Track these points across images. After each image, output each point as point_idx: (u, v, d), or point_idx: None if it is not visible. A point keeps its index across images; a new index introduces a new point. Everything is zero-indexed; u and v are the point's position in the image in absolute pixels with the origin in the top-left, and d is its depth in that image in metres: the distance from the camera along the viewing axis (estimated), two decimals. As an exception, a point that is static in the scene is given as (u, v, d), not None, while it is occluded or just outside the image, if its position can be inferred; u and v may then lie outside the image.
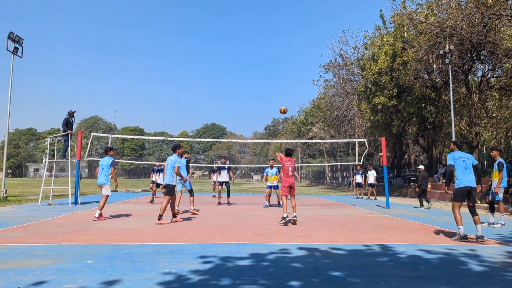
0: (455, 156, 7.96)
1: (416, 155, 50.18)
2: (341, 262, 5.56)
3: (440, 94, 27.37)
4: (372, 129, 33.99)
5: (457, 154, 8.00)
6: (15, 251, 5.98)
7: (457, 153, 8.04)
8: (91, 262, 5.30)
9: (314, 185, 69.24)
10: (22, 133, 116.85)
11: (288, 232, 8.48)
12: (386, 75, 26.98)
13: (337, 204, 17.97)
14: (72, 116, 15.72)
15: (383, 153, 16.92)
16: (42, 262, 5.23)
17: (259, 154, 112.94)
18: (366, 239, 7.63)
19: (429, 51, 23.30)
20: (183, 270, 4.94)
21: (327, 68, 42.81)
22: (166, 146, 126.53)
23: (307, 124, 62.83)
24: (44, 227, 8.58)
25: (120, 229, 8.46)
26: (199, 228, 8.84)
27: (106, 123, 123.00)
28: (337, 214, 12.86)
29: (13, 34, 17.24)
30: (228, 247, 6.54)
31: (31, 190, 26.11)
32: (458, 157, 7.94)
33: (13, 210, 12.53)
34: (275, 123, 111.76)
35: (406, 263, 5.54)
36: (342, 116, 41.33)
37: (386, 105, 27.73)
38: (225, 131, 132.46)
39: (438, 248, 6.77)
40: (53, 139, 16.56)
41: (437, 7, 23.63)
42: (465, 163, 7.88)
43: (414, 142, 38.44)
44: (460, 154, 8.02)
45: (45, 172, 15.71)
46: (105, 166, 10.61)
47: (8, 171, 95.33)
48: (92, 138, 20.15)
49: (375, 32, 32.56)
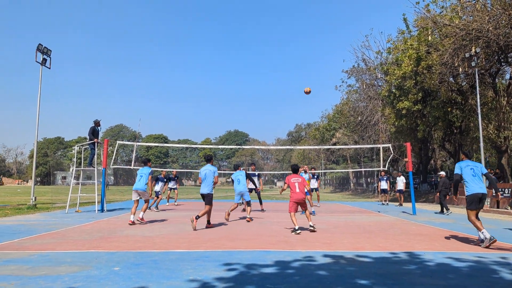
0: (462, 165, 8.08)
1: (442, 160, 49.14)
2: (367, 270, 5.47)
3: (466, 98, 26.78)
4: (396, 134, 33.50)
5: (464, 163, 8.11)
6: (44, 258, 6.11)
7: (465, 162, 8.15)
8: (117, 269, 5.36)
9: (338, 192, 68.58)
10: (50, 141, 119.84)
11: (312, 239, 8.40)
12: (410, 79, 26.59)
13: (361, 211, 17.73)
14: (98, 124, 16.05)
15: (409, 159, 16.63)
16: (70, 269, 5.32)
17: (282, 160, 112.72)
18: (392, 247, 7.49)
19: (454, 54, 22.86)
20: (208, 277, 4.95)
21: (350, 74, 42.50)
22: (189, 153, 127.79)
23: (330, 130, 62.43)
24: (71, 234, 8.75)
25: (145, 236, 8.55)
26: (222, 235, 8.86)
27: (131, 131, 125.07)
28: (362, 221, 12.68)
29: (42, 46, 17.74)
30: (252, 254, 6.52)
31: (59, 198, 26.72)
32: (465, 166, 8.03)
33: (42, 218, 12.83)
34: (298, 129, 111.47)
35: (434, 271, 5.41)
36: (366, 122, 40.89)
37: (411, 109, 27.30)
38: (248, 138, 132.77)
39: (468, 256, 6.59)
40: (80, 147, 16.93)
41: (462, 10, 23.18)
42: (473, 170, 7.93)
43: (440, 147, 37.68)
44: (468, 162, 8.11)
45: (72, 180, 16.04)
46: (144, 174, 11.59)
47: (37, 179, 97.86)
48: (117, 146, 20.49)
49: (399, 36, 32.19)
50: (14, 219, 12.19)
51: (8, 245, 7.29)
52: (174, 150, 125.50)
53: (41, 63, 17.81)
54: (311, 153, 71.07)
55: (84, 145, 16.49)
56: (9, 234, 8.74)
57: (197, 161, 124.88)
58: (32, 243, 7.46)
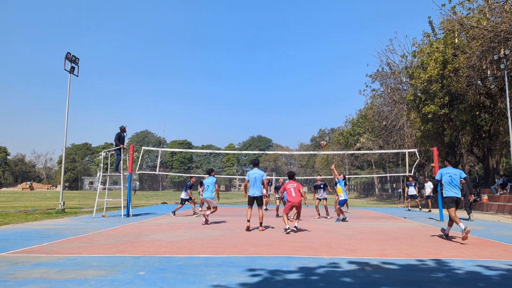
0: (443, 172, 9.71)
1: (470, 165, 47.94)
2: (393, 277, 5.36)
3: (495, 101, 26.07)
4: (422, 139, 32.84)
5: (445, 170, 9.72)
6: (72, 261, 6.24)
7: (446, 169, 9.74)
8: (143, 273, 5.42)
9: (363, 197, 67.70)
10: (78, 147, 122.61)
11: (337, 245, 8.31)
12: (436, 83, 26.08)
13: (387, 217, 17.45)
14: (124, 131, 16.34)
15: (435, 164, 16.29)
16: (97, 273, 5.41)
17: (305, 165, 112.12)
18: (419, 253, 7.33)
19: (482, 57, 22.33)
20: (232, 283, 4.95)
21: (374, 78, 41.97)
22: (213, 158, 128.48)
23: (355, 135, 61.81)
24: (98, 238, 8.91)
25: (170, 241, 8.62)
26: (246, 241, 8.86)
27: (156, 137, 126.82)
28: (388, 227, 12.47)
29: (70, 54, 18.22)
30: (276, 260, 6.49)
31: (87, 203, 27.25)
32: (445, 173, 9.66)
33: (70, 222, 13.12)
34: (322, 134, 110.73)
35: (463, 280, 5.27)
36: (391, 126, 40.29)
37: (437, 113, 26.75)
38: (271, 143, 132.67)
39: (498, 264, 6.39)
40: (106, 153, 17.25)
41: (490, 11, 22.65)
42: (451, 178, 9.54)
43: (468, 151, 36.78)
44: (449, 170, 9.70)
45: (99, 185, 16.34)
46: (210, 184, 13.01)
47: (65, 184, 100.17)
48: (142, 152, 20.79)
49: (424, 39, 31.61)
50: (44, 223, 12.50)
51: (38, 248, 7.47)
52: (198, 155, 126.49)
53: (69, 71, 18.28)
54: (335, 159, 70.48)
55: (111, 151, 16.80)
56: (38, 238, 8.97)
57: (220, 166, 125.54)
58: (60, 247, 7.62)
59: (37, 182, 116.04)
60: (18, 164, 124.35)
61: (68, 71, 18.20)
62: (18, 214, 15.82)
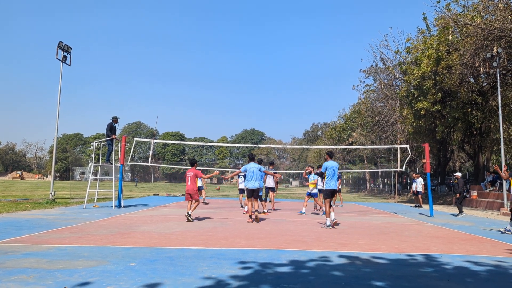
0: (328, 165, 10.69)
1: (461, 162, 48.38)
2: (383, 271, 5.41)
3: (487, 99, 26.27)
4: (414, 135, 33.02)
5: (330, 164, 10.72)
6: (62, 251, 6.22)
7: (330, 163, 10.76)
8: (134, 264, 5.42)
9: (354, 192, 68.12)
10: (70, 137, 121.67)
11: (328, 239, 8.36)
12: (429, 79, 26.20)
13: (378, 212, 17.58)
14: (115, 121, 16.23)
15: (427, 160, 16.39)
16: (87, 263, 5.40)
17: (298, 159, 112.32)
18: (409, 248, 7.40)
19: (475, 54, 22.45)
20: (223, 275, 4.96)
21: (367, 73, 42.03)
22: (205, 151, 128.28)
23: (347, 129, 61.95)
24: (89, 229, 8.88)
25: (161, 233, 8.62)
26: (238, 234, 8.88)
27: (148, 128, 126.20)
28: (379, 222, 12.57)
29: (62, 44, 17.99)
30: (267, 253, 6.52)
31: (78, 193, 27.13)
32: (330, 166, 10.67)
33: (60, 212, 13.05)
34: (314, 128, 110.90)
35: (452, 275, 5.33)
36: (383, 122, 40.41)
37: (430, 110, 26.89)
38: (264, 137, 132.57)
39: (486, 260, 6.47)
40: (98, 144, 17.15)
41: (484, 9, 22.74)
42: (334, 171, 10.66)
43: (459, 148, 37.10)
44: (332, 163, 10.76)
45: (91, 176, 16.27)
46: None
47: (56, 174, 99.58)
48: (135, 143, 20.69)
49: (418, 36, 31.70)
50: (34, 213, 12.43)
51: (28, 238, 7.44)
52: (190, 147, 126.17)
53: (61, 60, 18.06)
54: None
55: (102, 141, 16.70)
56: (28, 227, 8.92)
57: (213, 158, 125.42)
58: (50, 237, 7.59)
59: (27, 171, 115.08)
60: (8, 153, 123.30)
61: (60, 60, 17.98)
62: (8, 204, 15.71)
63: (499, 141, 20.86)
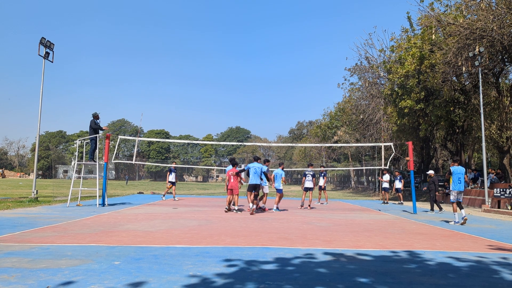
0: (250, 166, 13.51)
1: (444, 159, 49.00)
2: (367, 268, 5.47)
3: (469, 98, 26.69)
4: (398, 133, 33.40)
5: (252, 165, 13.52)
6: (45, 251, 6.13)
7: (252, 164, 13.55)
8: (118, 263, 5.37)
9: (339, 189, 68.60)
10: (53, 135, 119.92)
11: (313, 236, 8.41)
12: (413, 78, 26.50)
13: (362, 209, 17.74)
14: (97, 117, 16.03)
15: (410, 158, 16.60)
16: (71, 262, 5.33)
17: (283, 157, 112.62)
18: (392, 245, 7.49)
19: (458, 54, 22.76)
20: (208, 273, 4.96)
21: (352, 71, 42.37)
22: (191, 149, 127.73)
23: (332, 128, 62.30)
24: (72, 228, 8.77)
25: (146, 231, 8.56)
26: (223, 231, 8.87)
27: (133, 126, 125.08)
28: (363, 219, 12.69)
29: (45, 40, 17.71)
30: (252, 251, 6.53)
31: (61, 191, 26.77)
32: (252, 166, 13.50)
33: (43, 211, 12.86)
34: (300, 126, 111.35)
35: (434, 271, 5.41)
36: (368, 120, 40.79)
37: (413, 108, 27.21)
38: (249, 135, 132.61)
39: (468, 256, 6.58)
40: (82, 141, 16.93)
41: (467, 9, 23.05)
42: (255, 170, 13.45)
43: (442, 146, 37.60)
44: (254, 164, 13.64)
45: (74, 174, 16.06)
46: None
47: (38, 172, 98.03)
48: (119, 141, 20.51)
49: (402, 35, 32.02)
50: (16, 212, 12.22)
51: (10, 237, 7.31)
52: (175, 145, 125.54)
53: (44, 57, 17.79)
54: (312, 151, 70.96)
55: (86, 139, 16.49)
56: (10, 226, 8.77)
57: (198, 157, 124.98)
58: (33, 236, 7.48)
59: (9, 169, 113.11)
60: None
61: (42, 56, 17.71)
62: (-11, 202, 15.42)
63: (481, 139, 21.22)
